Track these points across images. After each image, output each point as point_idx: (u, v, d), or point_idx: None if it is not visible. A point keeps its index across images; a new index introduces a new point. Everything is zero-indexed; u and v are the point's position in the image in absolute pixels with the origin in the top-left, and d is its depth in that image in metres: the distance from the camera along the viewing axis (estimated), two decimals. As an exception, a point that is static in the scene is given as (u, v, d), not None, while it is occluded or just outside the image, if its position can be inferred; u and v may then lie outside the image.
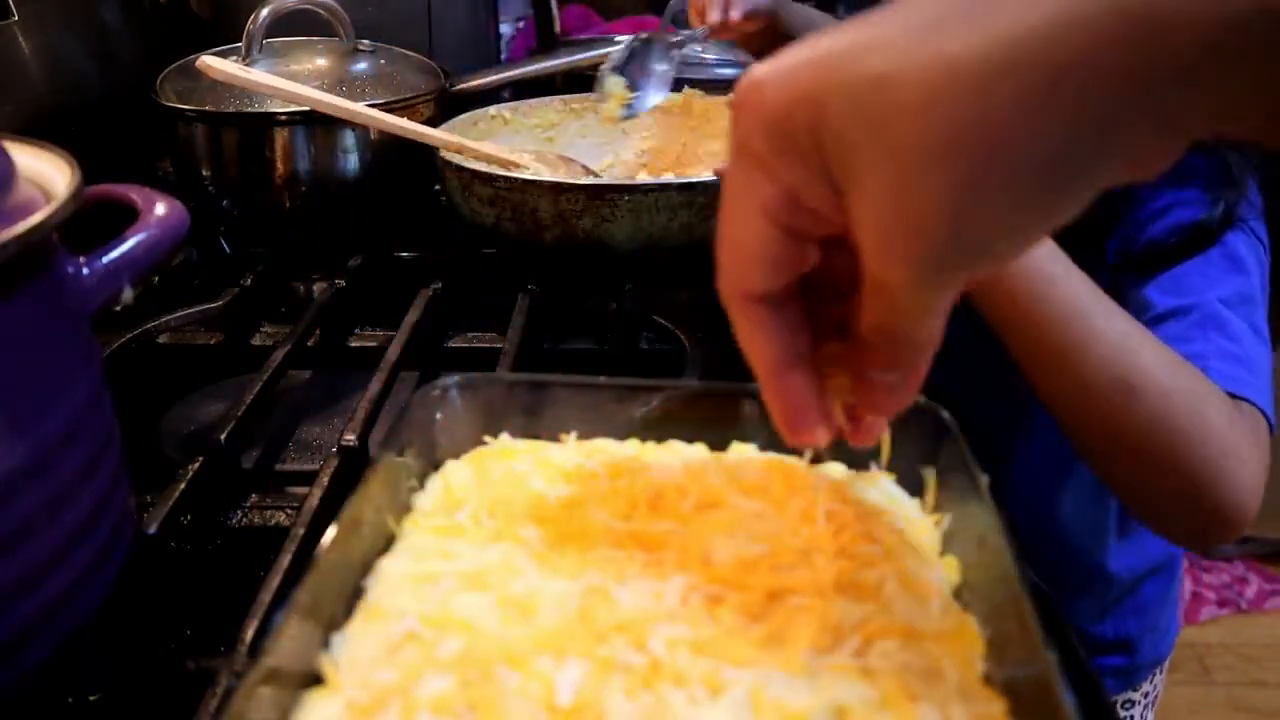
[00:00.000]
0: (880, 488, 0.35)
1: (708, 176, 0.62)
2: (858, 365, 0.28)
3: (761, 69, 0.23)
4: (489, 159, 0.70)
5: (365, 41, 0.80)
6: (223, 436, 0.46)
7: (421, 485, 0.35)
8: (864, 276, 0.24)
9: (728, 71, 0.98)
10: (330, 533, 0.29)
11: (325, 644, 0.28)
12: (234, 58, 0.72)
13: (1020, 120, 0.19)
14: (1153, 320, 0.57)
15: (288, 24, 0.76)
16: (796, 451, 0.37)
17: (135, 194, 0.40)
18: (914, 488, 0.35)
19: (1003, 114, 0.19)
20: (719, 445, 0.37)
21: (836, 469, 0.36)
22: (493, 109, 0.81)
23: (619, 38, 1.04)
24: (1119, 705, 0.83)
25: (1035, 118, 0.19)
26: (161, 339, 0.60)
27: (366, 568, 0.31)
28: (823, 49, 0.22)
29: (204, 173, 0.74)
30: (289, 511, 0.47)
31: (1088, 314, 0.51)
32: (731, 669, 0.26)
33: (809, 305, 0.28)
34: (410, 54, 0.83)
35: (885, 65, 0.20)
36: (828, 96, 0.21)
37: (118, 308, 0.38)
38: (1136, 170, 0.21)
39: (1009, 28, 0.19)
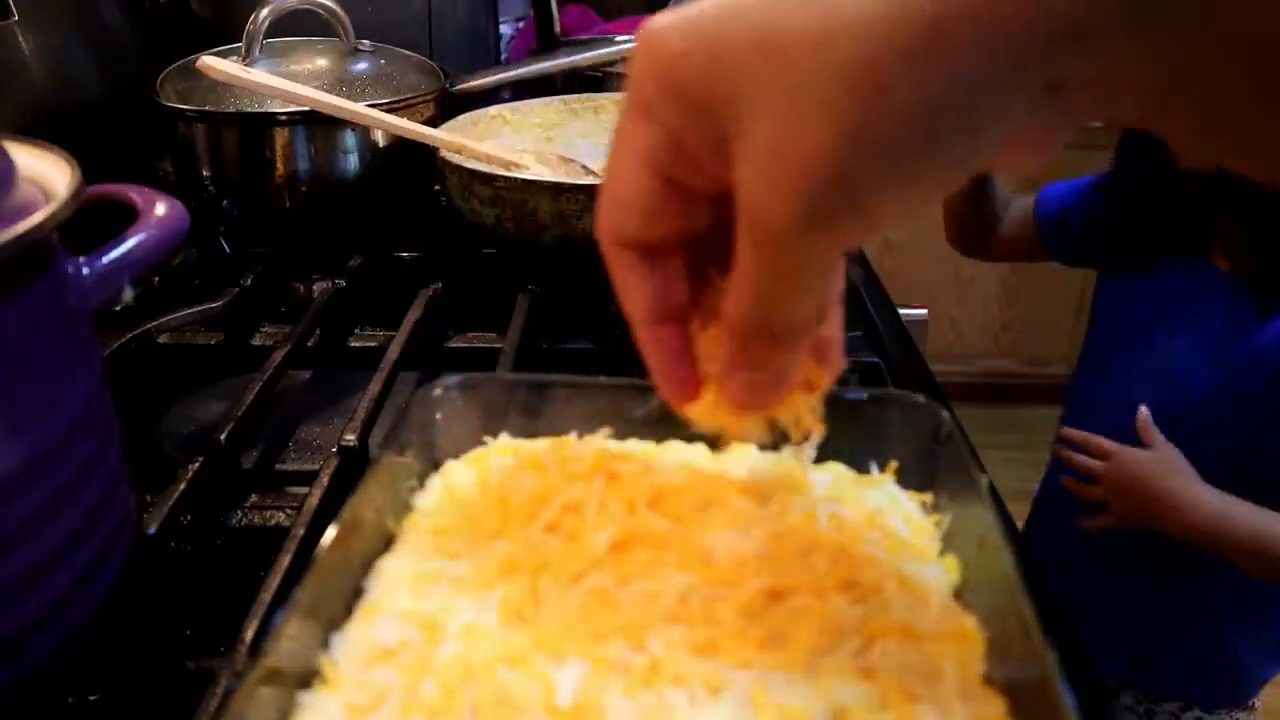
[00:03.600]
0: (880, 488, 0.35)
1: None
2: (724, 361, 0.27)
3: (661, 18, 0.23)
4: (489, 159, 0.70)
5: (365, 41, 0.80)
6: (223, 436, 0.46)
7: (421, 485, 0.35)
8: (739, 239, 0.23)
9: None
10: (330, 533, 0.29)
11: (325, 644, 0.28)
12: (234, 58, 0.72)
13: (902, 64, 0.19)
14: None
15: (288, 24, 0.76)
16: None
17: (135, 194, 0.40)
18: (914, 488, 0.35)
19: (887, 56, 0.19)
20: (719, 445, 0.37)
21: (837, 469, 0.36)
22: (493, 109, 0.81)
23: (619, 38, 1.04)
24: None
25: (916, 63, 0.19)
26: (161, 339, 0.60)
27: (366, 568, 0.31)
28: (726, 4, 0.22)
29: (204, 173, 0.74)
30: (289, 511, 0.47)
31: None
32: (731, 669, 0.26)
33: (700, 277, 0.28)
34: (410, 54, 0.83)
35: (785, 10, 0.20)
36: (726, 41, 0.21)
37: (118, 308, 0.38)
38: (1020, 147, 0.21)
39: None
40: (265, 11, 0.74)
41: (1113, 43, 0.18)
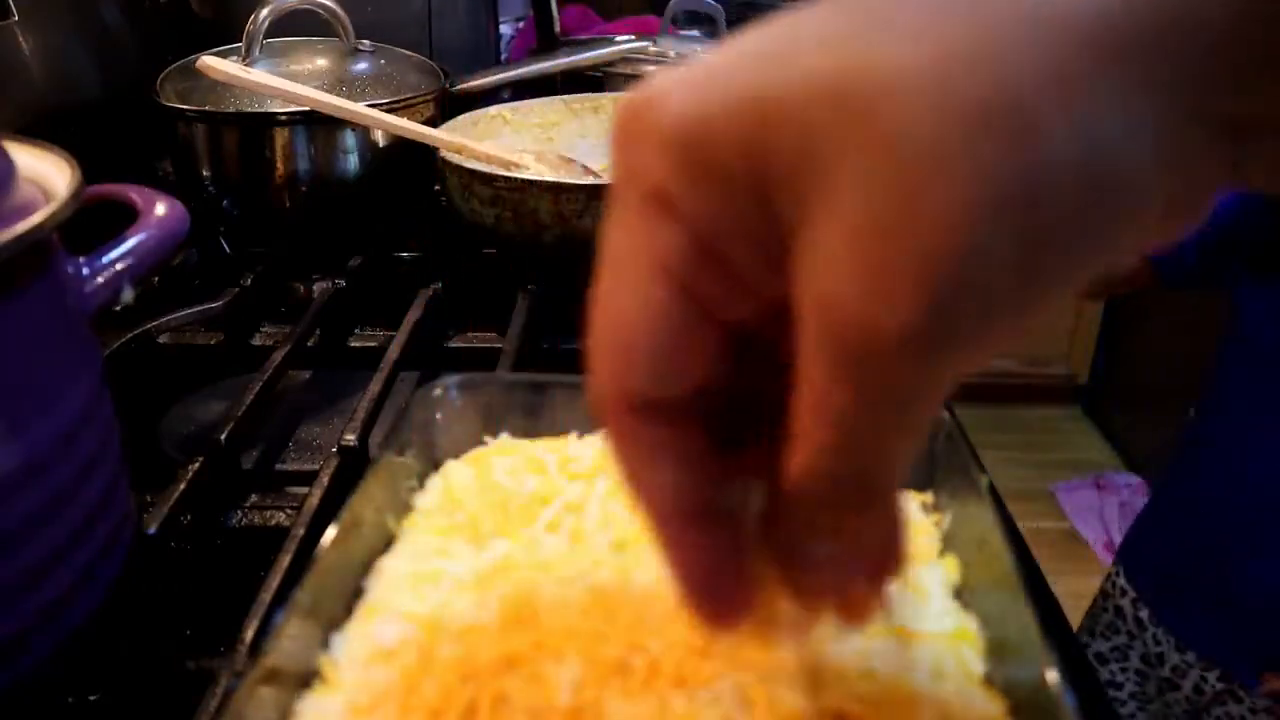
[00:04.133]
0: (880, 488, 0.35)
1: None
2: (784, 537, 0.20)
3: (660, 79, 0.17)
4: (489, 159, 0.70)
5: (365, 41, 0.80)
6: (223, 436, 0.46)
7: (421, 485, 0.35)
8: (811, 364, 0.16)
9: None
10: (330, 533, 0.29)
11: (325, 644, 0.28)
12: (234, 58, 0.72)
13: (1059, 102, 0.14)
14: None
15: (288, 24, 0.76)
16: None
17: (135, 194, 0.40)
18: (914, 488, 0.35)
19: (1038, 91, 0.14)
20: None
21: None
22: (493, 109, 0.81)
23: (619, 38, 1.04)
24: None
25: (1079, 99, 0.14)
26: (161, 339, 0.60)
27: (366, 568, 0.31)
28: (754, 46, 0.17)
29: (204, 173, 0.74)
30: (289, 511, 0.47)
31: None
32: (730, 670, 0.26)
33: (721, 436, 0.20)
34: (410, 54, 0.83)
35: (872, 46, 0.15)
36: (781, 94, 0.15)
37: (118, 308, 0.38)
38: (1174, 213, 0.16)
39: None
40: (265, 11, 0.74)
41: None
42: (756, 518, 0.21)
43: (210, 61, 0.62)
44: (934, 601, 0.29)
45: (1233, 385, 0.93)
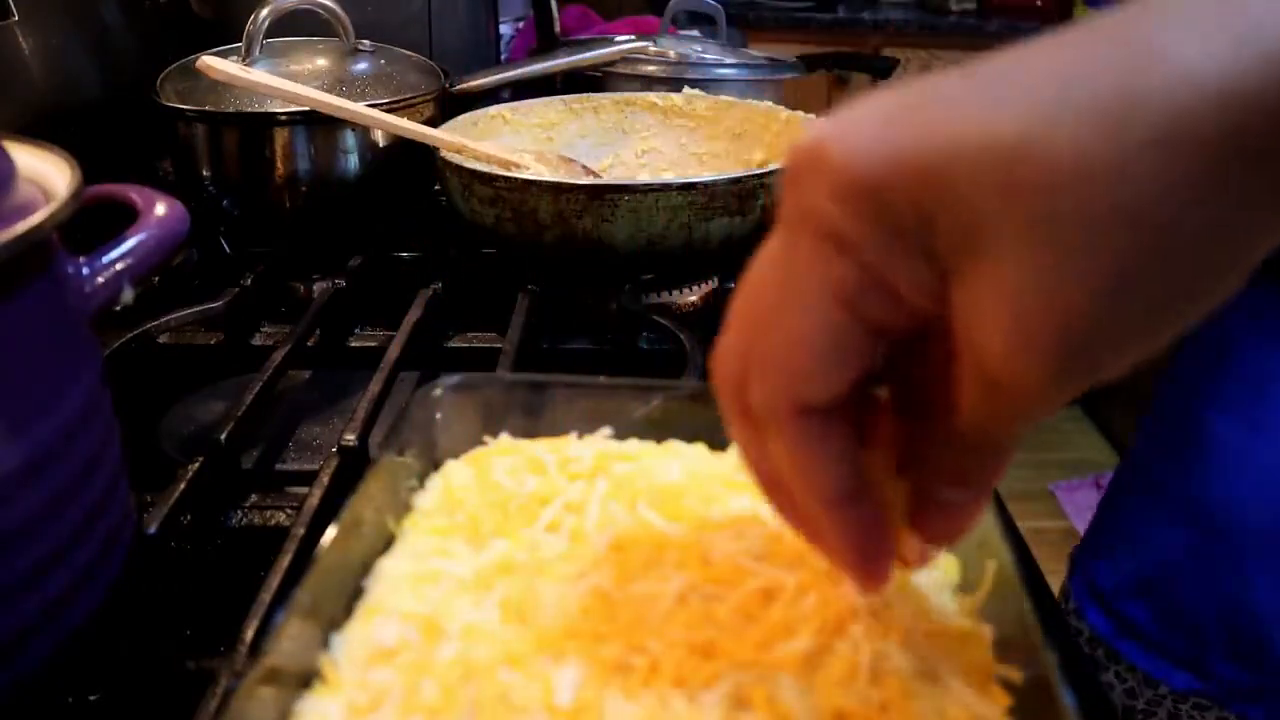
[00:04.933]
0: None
1: (708, 176, 0.62)
2: (920, 484, 0.24)
3: (830, 126, 0.20)
4: (489, 159, 0.70)
5: (365, 41, 0.80)
6: (223, 436, 0.46)
7: (421, 485, 0.35)
8: (965, 374, 0.20)
9: (727, 72, 0.98)
10: (330, 533, 0.29)
11: (325, 644, 0.28)
12: (234, 58, 0.72)
13: (1202, 199, 0.16)
14: None
15: (288, 24, 0.76)
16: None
17: (135, 194, 0.40)
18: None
19: (1181, 189, 0.16)
20: (719, 445, 0.37)
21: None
22: (493, 109, 0.81)
23: (619, 38, 1.04)
24: None
25: (1219, 197, 0.16)
26: (161, 339, 0.60)
27: (366, 568, 0.31)
28: (922, 99, 0.19)
29: (204, 173, 0.74)
30: (289, 511, 0.47)
31: None
32: (730, 669, 0.26)
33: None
34: (410, 54, 0.83)
35: (1023, 123, 0.17)
36: (952, 160, 0.18)
37: (118, 308, 0.38)
38: None
39: (1180, 84, 0.16)
40: (265, 11, 0.74)
41: None
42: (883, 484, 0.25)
43: (210, 61, 0.62)
44: (934, 601, 0.29)
45: (1199, 386, 0.86)
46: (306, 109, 0.68)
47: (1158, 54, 0.17)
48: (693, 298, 0.67)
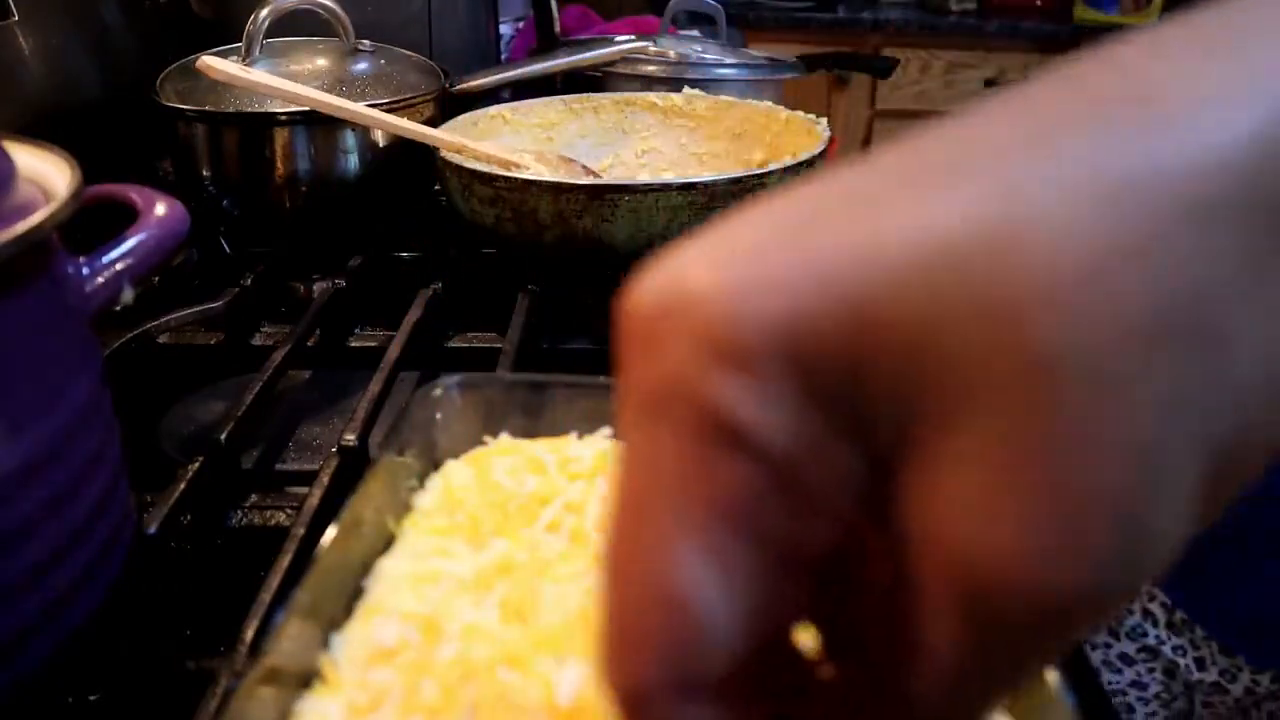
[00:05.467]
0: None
1: (708, 176, 0.62)
2: None
3: (694, 255, 0.14)
4: (489, 159, 0.70)
5: (365, 41, 0.80)
6: (223, 436, 0.46)
7: (421, 485, 0.35)
8: (929, 602, 0.14)
9: (727, 72, 0.98)
10: (330, 533, 0.29)
11: (325, 644, 0.28)
12: (234, 58, 0.72)
13: (1248, 298, 0.12)
14: None
15: (288, 24, 0.76)
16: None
17: (135, 194, 0.40)
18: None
19: (1225, 288, 0.12)
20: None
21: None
22: (493, 109, 0.81)
23: (619, 38, 1.04)
24: None
25: (1263, 283, 0.12)
26: (161, 339, 0.60)
27: (366, 568, 0.31)
28: (826, 209, 0.13)
29: (204, 173, 0.74)
30: (289, 511, 0.47)
31: None
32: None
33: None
34: (410, 54, 0.83)
35: (992, 210, 0.12)
36: (882, 278, 0.12)
37: (118, 308, 0.38)
38: None
39: (1201, 139, 0.12)
40: (265, 11, 0.74)
41: None
42: None
43: (210, 61, 0.62)
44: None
45: None
46: (306, 109, 0.68)
47: (1167, 116, 0.13)
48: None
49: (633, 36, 1.04)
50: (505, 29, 1.32)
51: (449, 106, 0.80)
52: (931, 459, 0.13)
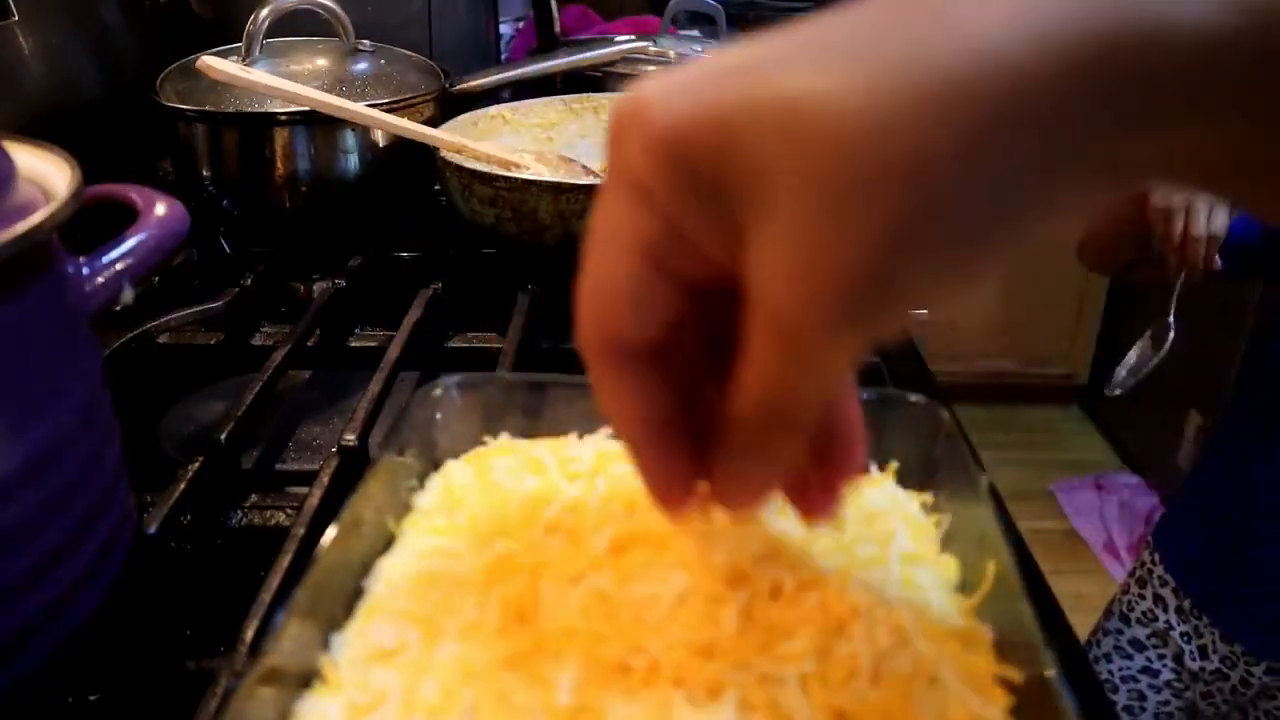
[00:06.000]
0: (881, 488, 0.35)
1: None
2: (720, 452, 0.24)
3: (651, 85, 0.20)
4: (489, 159, 0.70)
5: (365, 41, 0.80)
6: (223, 436, 0.46)
7: (421, 485, 0.35)
8: (754, 326, 0.21)
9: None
10: (330, 533, 0.29)
11: (325, 644, 0.28)
12: (234, 58, 0.72)
13: (959, 159, 0.17)
14: None
15: (288, 24, 0.76)
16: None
17: (135, 194, 0.40)
18: (914, 488, 0.35)
19: (944, 149, 0.17)
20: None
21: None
22: (493, 109, 0.81)
23: (619, 38, 1.04)
24: None
25: (975, 158, 0.17)
26: (161, 339, 0.60)
27: (366, 568, 0.31)
28: (733, 63, 0.19)
29: (204, 173, 0.74)
30: (289, 511, 0.47)
31: None
32: (730, 670, 0.26)
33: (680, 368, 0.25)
34: (410, 54, 0.83)
35: (816, 83, 0.18)
36: (742, 116, 0.19)
37: (118, 308, 0.38)
38: (1076, 216, 0.19)
39: (959, 50, 0.17)
40: (265, 11, 0.74)
41: (1172, 129, 0.17)
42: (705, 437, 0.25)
43: (210, 61, 0.62)
44: (934, 601, 0.29)
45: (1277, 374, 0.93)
46: (306, 109, 0.68)
47: (948, 20, 0.17)
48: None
49: (633, 36, 1.04)
50: (505, 29, 1.32)
51: (449, 106, 0.80)
52: (756, 231, 0.19)
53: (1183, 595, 1.00)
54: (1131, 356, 1.04)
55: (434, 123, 0.75)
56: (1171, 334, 1.01)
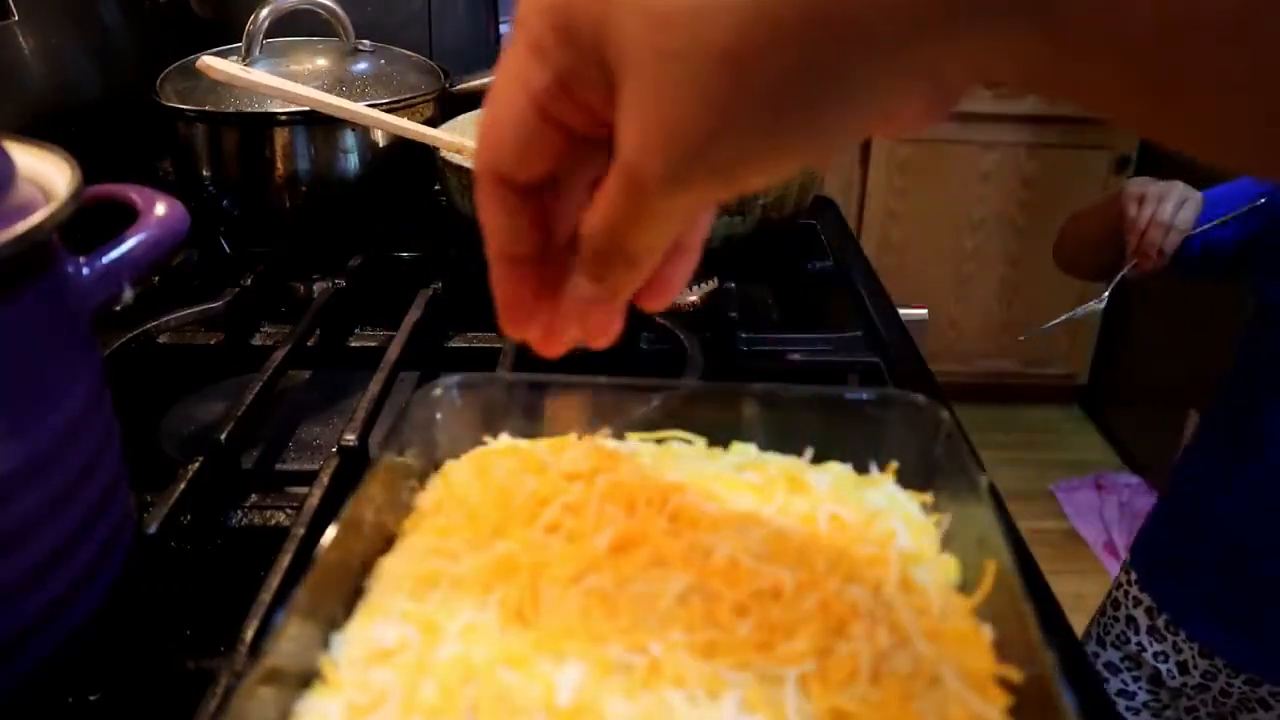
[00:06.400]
0: (880, 488, 0.35)
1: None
2: (574, 271, 0.29)
3: None
4: (489, 159, 0.70)
5: (365, 41, 0.80)
6: (223, 436, 0.46)
7: (421, 485, 0.35)
8: (613, 169, 0.24)
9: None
10: (330, 533, 0.29)
11: (325, 644, 0.28)
12: (234, 58, 0.72)
13: (770, 49, 0.19)
14: None
15: (288, 24, 0.76)
16: (796, 451, 0.37)
17: (135, 194, 0.40)
18: (914, 488, 0.35)
19: (758, 40, 0.19)
20: (719, 445, 0.37)
21: (837, 469, 0.36)
22: (493, 109, 0.81)
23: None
24: None
25: (783, 50, 0.19)
26: (161, 339, 0.60)
27: (366, 568, 0.31)
28: None
29: (204, 173, 0.74)
30: (289, 511, 0.47)
31: None
32: (731, 670, 0.26)
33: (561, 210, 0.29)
34: (410, 54, 0.83)
35: None
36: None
37: (118, 308, 0.38)
38: (895, 121, 0.21)
39: None
40: (265, 11, 0.74)
41: (970, 36, 0.19)
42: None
43: (210, 61, 0.62)
44: (934, 601, 0.29)
45: (1261, 376, 0.92)
46: (306, 109, 0.68)
47: None
48: (693, 297, 0.67)
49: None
50: (505, 29, 1.32)
51: (449, 106, 0.80)
52: (619, 90, 0.22)
53: (1157, 614, 0.99)
54: (1060, 317, 1.09)
55: (434, 123, 0.75)
56: (1100, 307, 1.06)
